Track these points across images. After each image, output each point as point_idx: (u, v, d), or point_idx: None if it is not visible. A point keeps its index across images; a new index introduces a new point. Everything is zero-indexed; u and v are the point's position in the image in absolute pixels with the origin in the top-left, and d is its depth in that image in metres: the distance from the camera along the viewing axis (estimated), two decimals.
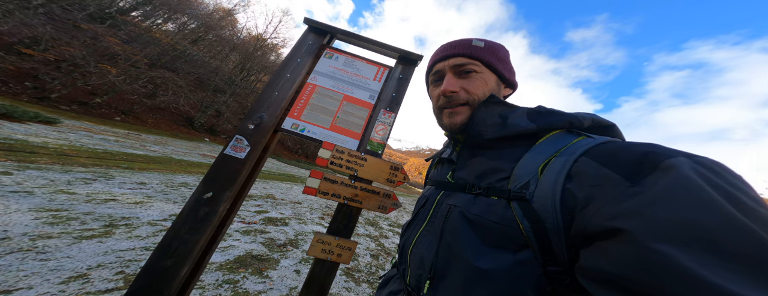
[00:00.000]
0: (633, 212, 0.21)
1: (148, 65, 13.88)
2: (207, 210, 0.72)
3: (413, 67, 1.02)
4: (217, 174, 0.77)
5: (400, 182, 0.86)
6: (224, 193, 0.75)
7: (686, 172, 0.21)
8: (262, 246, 2.73)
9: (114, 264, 1.73)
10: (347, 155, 0.87)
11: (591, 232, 0.24)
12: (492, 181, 0.37)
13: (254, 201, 4.43)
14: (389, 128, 0.94)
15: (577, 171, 0.28)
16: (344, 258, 0.82)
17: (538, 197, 0.29)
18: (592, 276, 0.23)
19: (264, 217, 3.68)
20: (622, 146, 0.28)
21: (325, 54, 1.06)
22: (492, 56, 0.46)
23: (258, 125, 0.85)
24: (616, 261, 0.21)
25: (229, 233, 2.83)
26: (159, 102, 14.08)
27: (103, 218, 2.33)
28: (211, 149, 11.70)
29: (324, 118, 0.95)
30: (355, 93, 1.00)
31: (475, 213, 0.35)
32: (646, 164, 0.24)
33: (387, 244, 4.02)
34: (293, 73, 0.95)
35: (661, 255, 0.18)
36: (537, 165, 0.32)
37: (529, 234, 0.29)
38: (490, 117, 0.41)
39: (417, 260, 0.41)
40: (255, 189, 5.47)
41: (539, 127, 0.37)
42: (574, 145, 0.32)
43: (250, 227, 3.18)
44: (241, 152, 0.81)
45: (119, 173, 3.89)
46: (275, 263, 2.42)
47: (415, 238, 0.45)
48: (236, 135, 0.82)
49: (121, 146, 6.30)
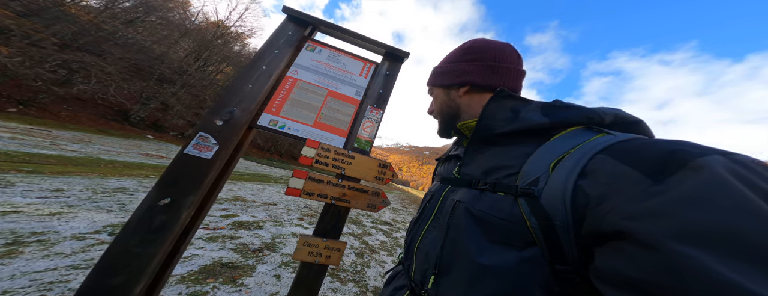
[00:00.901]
0: (656, 211, 0.19)
1: (57, 46, 10.87)
2: (164, 218, 0.63)
3: (400, 64, 1.02)
4: (177, 177, 0.68)
5: (388, 180, 0.86)
6: (187, 198, 0.66)
7: (719, 171, 0.19)
8: (233, 252, 2.52)
9: (28, 288, 1.42)
10: (334, 153, 0.84)
11: (604, 231, 0.22)
12: (499, 177, 0.36)
13: (219, 205, 4.03)
14: (377, 125, 0.92)
15: (592, 169, 0.26)
16: (333, 259, 0.80)
17: (547, 193, 0.28)
18: (607, 278, 0.21)
19: (233, 222, 3.39)
20: (647, 143, 0.26)
21: (306, 46, 1.00)
22: (434, 77, 0.57)
23: (228, 120, 0.76)
24: (636, 263, 0.19)
25: (189, 242, 2.56)
26: (77, 91, 11.21)
27: (2, 234, 1.89)
28: (157, 148, 9.89)
29: (307, 114, 0.90)
30: (340, 89, 0.96)
31: (481, 209, 0.34)
32: (672, 162, 0.22)
33: (371, 241, 4.01)
34: (270, 65, 0.88)
35: (687, 257, 0.17)
36: (549, 162, 0.31)
37: (536, 232, 0.28)
38: (501, 111, 0.40)
39: (422, 255, 0.41)
40: (220, 192, 4.93)
41: (553, 122, 0.34)
42: (591, 142, 0.29)
43: (216, 233, 2.91)
44: (207, 152, 0.72)
45: (21, 178, 3.14)
46: (251, 269, 2.26)
47: (422, 234, 0.45)
48: (200, 133, 0.73)
49: (21, 145, 5.05)
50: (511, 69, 0.47)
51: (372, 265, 3.06)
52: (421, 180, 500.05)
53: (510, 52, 0.49)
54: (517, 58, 0.49)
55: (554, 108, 0.37)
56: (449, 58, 0.55)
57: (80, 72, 11.52)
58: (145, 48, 14.84)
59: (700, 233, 0.17)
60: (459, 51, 0.52)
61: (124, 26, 13.86)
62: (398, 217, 7.78)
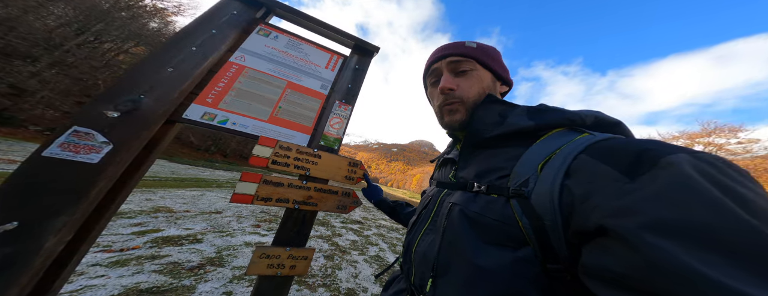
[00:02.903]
0: (631, 208, 0.21)
1: None
2: (9, 251, 0.45)
3: (370, 58, 0.98)
4: (28, 191, 0.49)
5: (359, 179, 0.83)
6: (56, 219, 0.49)
7: (685, 168, 0.21)
8: (157, 274, 2.03)
9: None
10: (296, 152, 0.76)
11: (589, 229, 0.23)
12: (491, 179, 0.37)
13: (128, 219, 3.18)
14: (346, 121, 0.87)
15: (575, 168, 0.28)
16: (299, 269, 0.72)
17: (537, 194, 0.29)
18: (595, 274, 0.22)
19: (154, 238, 2.72)
20: (623, 142, 0.28)
21: (258, 30, 0.87)
22: (484, 55, 0.48)
23: (129, 111, 0.59)
24: (619, 258, 0.20)
25: (77, 270, 1.95)
26: None
27: None
28: (5, 150, 6.76)
29: (259, 107, 0.78)
30: (302, 81, 0.87)
31: (475, 211, 0.34)
32: (644, 161, 0.23)
33: (341, 242, 3.84)
34: (203, 46, 0.73)
35: (660, 250, 0.18)
36: (537, 163, 0.32)
37: (528, 231, 0.29)
38: (489, 116, 0.42)
39: (420, 259, 0.41)
40: (129, 203, 3.85)
41: (538, 125, 0.36)
42: (574, 142, 0.31)
43: (125, 254, 2.27)
44: (93, 153, 0.55)
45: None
46: (188, 290, 1.87)
47: (419, 237, 0.45)
48: (75, 127, 0.55)
49: None
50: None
51: (343, 267, 2.92)
52: (390, 177, 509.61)
53: None
54: None
55: (539, 112, 0.39)
56: (487, 49, 0.50)
57: None
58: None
59: (671, 228, 0.19)
60: (493, 49, 0.51)
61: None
62: (368, 215, 7.59)
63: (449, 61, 0.48)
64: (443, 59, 0.49)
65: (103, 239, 2.56)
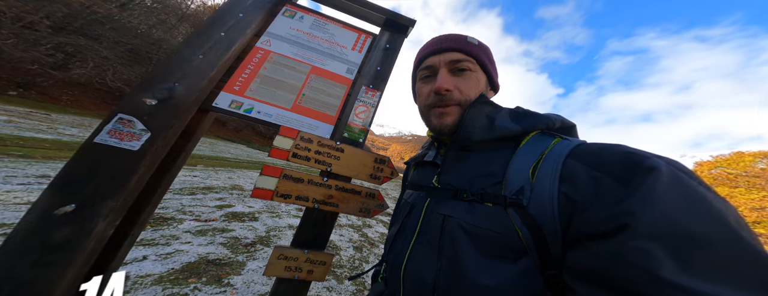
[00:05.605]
0: (626, 212, 0.23)
1: (51, 28, 10.89)
2: (68, 232, 0.47)
3: (403, 36, 0.83)
4: (84, 175, 0.51)
5: (386, 179, 0.70)
6: (103, 203, 0.50)
7: (669, 172, 0.24)
8: (222, 247, 2.40)
9: None
10: (317, 144, 0.67)
11: (588, 234, 0.25)
12: (485, 186, 0.36)
13: (216, 194, 3.87)
14: (373, 109, 0.74)
15: (568, 174, 0.30)
16: (317, 274, 0.65)
17: (535, 202, 0.30)
18: (578, 274, 0.25)
19: (227, 213, 3.25)
20: (601, 148, 0.30)
21: (284, 11, 0.80)
22: (485, 55, 0.46)
23: (165, 100, 0.58)
24: (602, 258, 0.23)
25: (175, 235, 2.42)
26: (75, 75, 11.29)
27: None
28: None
29: (283, 95, 0.72)
30: (327, 65, 0.77)
31: (473, 224, 0.34)
32: (631, 166, 0.26)
33: (371, 234, 3.88)
34: (231, 32, 0.68)
35: (643, 252, 0.21)
36: (527, 168, 0.33)
37: (528, 242, 0.29)
38: (479, 119, 0.41)
39: (415, 281, 0.38)
40: (217, 180, 4.75)
41: (524, 129, 0.38)
42: (555, 147, 0.34)
43: (206, 225, 2.77)
44: (133, 141, 0.54)
45: (8, 163, 3.03)
46: (240, 266, 2.14)
47: (407, 253, 0.41)
48: (120, 114, 0.55)
49: (16, 128, 4.94)
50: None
51: (371, 260, 2.93)
52: None
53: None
54: None
55: (520, 116, 0.41)
56: (486, 48, 0.48)
57: (76, 56, 11.40)
58: (142, 33, 14.44)
59: (660, 229, 0.22)
60: (489, 50, 0.49)
61: (118, 10, 13.37)
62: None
63: (449, 59, 0.44)
64: (441, 54, 0.45)
65: (196, 209, 3.18)
